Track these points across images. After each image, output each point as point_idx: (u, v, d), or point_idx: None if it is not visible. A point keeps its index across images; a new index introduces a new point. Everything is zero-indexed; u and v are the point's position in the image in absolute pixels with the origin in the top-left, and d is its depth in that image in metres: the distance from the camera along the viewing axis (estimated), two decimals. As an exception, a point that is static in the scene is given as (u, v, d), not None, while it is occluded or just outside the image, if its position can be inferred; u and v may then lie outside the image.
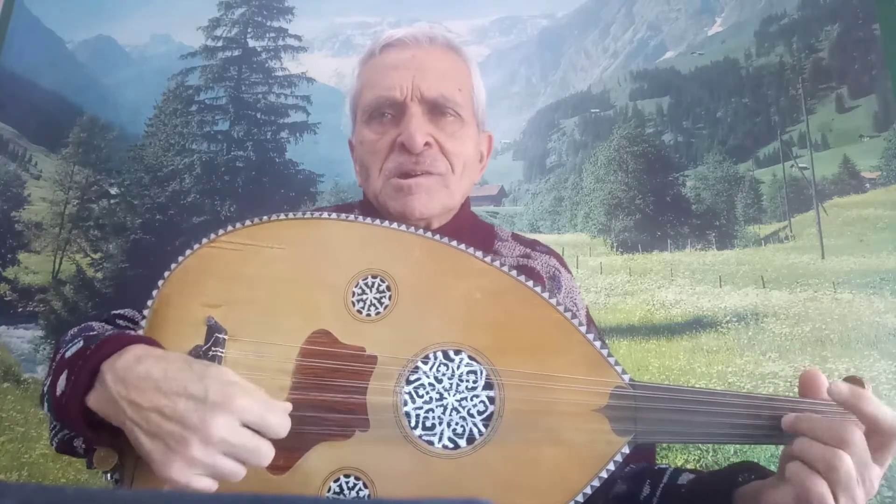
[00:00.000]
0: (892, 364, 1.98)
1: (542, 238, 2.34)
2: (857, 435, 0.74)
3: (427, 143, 1.08)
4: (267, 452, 0.72)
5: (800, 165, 2.33)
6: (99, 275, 2.65)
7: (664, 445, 2.02)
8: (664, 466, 1.05)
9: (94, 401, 0.75)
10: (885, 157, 2.24)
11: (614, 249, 2.43)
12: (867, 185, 2.24)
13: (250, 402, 0.71)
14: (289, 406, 0.76)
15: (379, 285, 0.89)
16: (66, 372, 0.78)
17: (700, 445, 2.01)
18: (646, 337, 2.24)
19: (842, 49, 2.40)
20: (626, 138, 2.55)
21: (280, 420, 0.73)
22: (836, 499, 0.73)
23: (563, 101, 2.71)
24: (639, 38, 2.72)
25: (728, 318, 2.19)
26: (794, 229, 2.27)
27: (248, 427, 0.71)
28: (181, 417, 0.69)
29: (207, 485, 0.70)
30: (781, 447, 0.82)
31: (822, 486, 0.73)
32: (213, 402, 0.69)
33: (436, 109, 1.11)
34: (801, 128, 2.37)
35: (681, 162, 2.49)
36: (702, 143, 2.50)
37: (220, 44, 2.84)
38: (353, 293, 0.88)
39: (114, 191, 2.74)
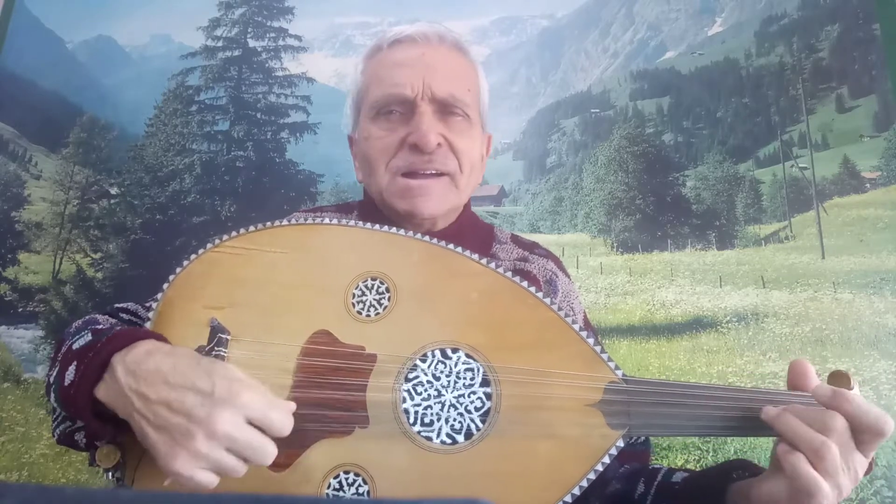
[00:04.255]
0: (892, 364, 1.98)
1: (542, 238, 2.33)
2: (839, 421, 0.75)
3: (438, 143, 1.08)
4: (270, 451, 0.73)
5: (800, 165, 2.33)
6: (99, 275, 2.65)
7: (665, 445, 2.02)
8: (659, 466, 1.06)
9: (103, 392, 0.76)
10: (885, 157, 2.24)
11: (614, 249, 2.43)
12: (867, 185, 2.24)
13: (255, 399, 0.72)
14: (292, 406, 0.77)
15: (378, 287, 0.91)
16: (74, 363, 0.79)
17: (700, 445, 2.02)
18: (646, 337, 2.24)
19: (842, 49, 2.40)
20: (626, 138, 2.55)
21: (283, 418, 0.74)
22: None
23: (563, 101, 2.71)
24: (639, 39, 2.72)
25: (728, 318, 2.19)
26: (794, 229, 2.27)
27: (253, 424, 0.72)
28: (188, 411, 0.70)
29: (210, 479, 0.71)
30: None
31: (811, 469, 0.74)
32: (219, 397, 0.70)
33: (445, 109, 1.11)
34: (801, 128, 2.37)
35: (681, 162, 2.49)
36: (702, 143, 2.50)
37: (220, 44, 2.84)
38: (353, 295, 0.90)
39: (114, 191, 2.75)
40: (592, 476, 0.80)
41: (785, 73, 2.44)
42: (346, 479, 0.79)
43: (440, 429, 0.83)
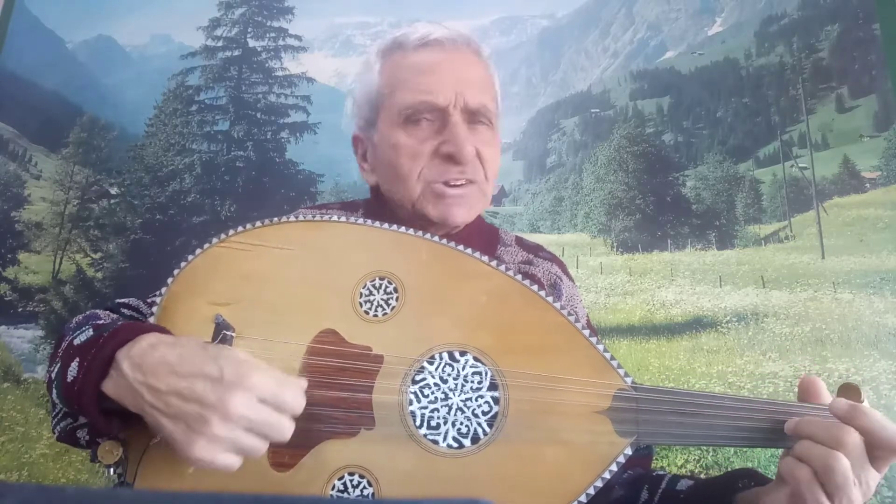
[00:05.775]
0: (892, 364, 1.98)
1: (542, 238, 2.33)
2: (853, 436, 0.75)
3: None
4: (287, 427, 0.73)
5: (800, 165, 2.33)
6: (99, 275, 2.65)
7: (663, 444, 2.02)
8: (662, 473, 1.06)
9: (111, 388, 0.76)
10: (885, 157, 2.24)
11: (614, 249, 2.43)
12: (867, 185, 2.24)
13: (264, 379, 0.72)
14: (304, 383, 0.77)
15: (386, 287, 0.90)
16: (77, 359, 0.78)
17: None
18: (646, 337, 2.24)
19: (842, 49, 2.40)
20: (626, 138, 2.55)
21: (294, 395, 0.74)
22: (831, 500, 0.74)
23: (563, 101, 2.71)
24: (639, 38, 2.72)
25: (728, 318, 2.19)
26: (794, 229, 2.27)
27: (265, 404, 0.72)
28: (199, 397, 0.70)
29: (232, 461, 0.71)
30: (781, 451, 0.83)
31: (816, 488, 0.74)
32: (228, 380, 0.70)
33: (474, 118, 1.10)
34: (801, 128, 2.37)
35: (681, 162, 2.49)
36: (702, 143, 2.50)
37: (220, 44, 2.84)
38: (361, 294, 0.89)
39: (114, 191, 2.74)
40: (599, 484, 0.79)
41: (785, 73, 2.44)
42: (351, 480, 0.79)
43: (447, 432, 0.82)
